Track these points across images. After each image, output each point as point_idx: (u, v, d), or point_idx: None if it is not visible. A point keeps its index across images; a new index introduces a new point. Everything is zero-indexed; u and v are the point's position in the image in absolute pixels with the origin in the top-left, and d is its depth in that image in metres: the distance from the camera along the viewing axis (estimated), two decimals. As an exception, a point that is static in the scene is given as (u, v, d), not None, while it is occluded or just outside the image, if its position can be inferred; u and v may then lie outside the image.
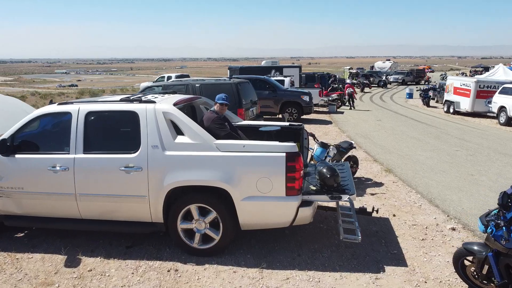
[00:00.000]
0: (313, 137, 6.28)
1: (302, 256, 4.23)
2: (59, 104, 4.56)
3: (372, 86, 38.46)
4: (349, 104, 20.76)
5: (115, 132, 4.39)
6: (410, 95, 28.58)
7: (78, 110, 4.36)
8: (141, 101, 4.33)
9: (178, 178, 4.01)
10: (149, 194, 4.12)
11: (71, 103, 4.50)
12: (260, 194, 3.94)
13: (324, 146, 6.42)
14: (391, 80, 44.46)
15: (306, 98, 14.60)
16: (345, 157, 6.85)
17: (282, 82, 16.44)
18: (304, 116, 15.19)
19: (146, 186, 4.10)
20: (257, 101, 10.42)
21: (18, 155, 4.38)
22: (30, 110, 5.68)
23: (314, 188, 4.24)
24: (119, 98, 4.52)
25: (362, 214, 4.79)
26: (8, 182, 4.38)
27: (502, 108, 15.48)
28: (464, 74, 50.90)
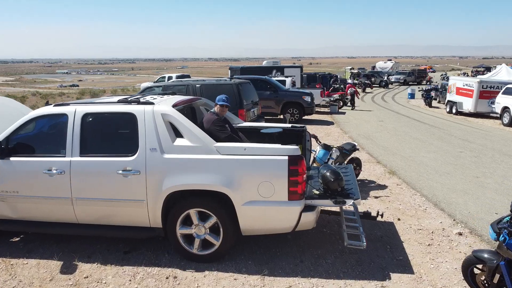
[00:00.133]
0: (315, 138, 6.16)
1: (305, 262, 4.10)
2: (55, 105, 4.44)
3: (373, 86, 38.32)
4: (351, 104, 20.65)
5: (113, 134, 4.27)
6: (412, 96, 28.41)
7: (75, 112, 4.24)
8: (139, 102, 4.21)
9: (177, 182, 3.89)
10: (147, 198, 4.00)
11: (68, 105, 4.38)
12: (261, 198, 3.82)
13: (327, 148, 6.28)
14: (393, 80, 44.23)
15: (307, 98, 14.47)
16: (348, 159, 6.72)
17: (284, 82, 16.31)
18: (305, 116, 15.07)
19: (144, 190, 3.98)
20: (258, 101, 10.29)
21: (13, 158, 4.26)
22: (27, 111, 5.56)
23: (317, 192, 4.12)
24: (117, 100, 4.40)
25: (366, 219, 4.66)
26: (2, 186, 4.27)
27: (505, 108, 15.33)
28: (465, 74, 50.69)
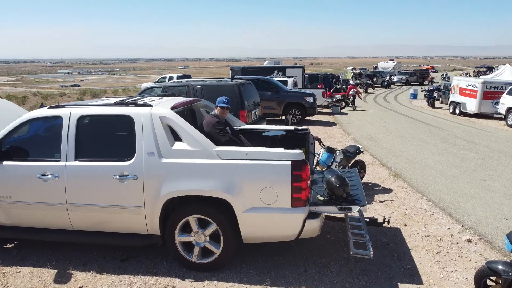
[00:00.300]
0: (319, 141, 5.99)
1: (309, 271, 3.93)
2: (50, 107, 4.29)
3: (375, 86, 38.15)
4: (352, 104, 20.51)
5: (109, 137, 4.11)
6: (414, 96, 28.24)
7: (70, 114, 4.08)
8: (136, 104, 4.05)
9: (176, 187, 3.73)
10: (144, 204, 3.83)
11: (63, 107, 4.22)
12: (263, 205, 3.66)
13: (330, 151, 6.12)
14: (395, 80, 44.03)
15: (309, 99, 14.30)
16: (352, 162, 6.55)
17: (285, 82, 16.15)
18: (307, 117, 14.90)
19: (142, 195, 3.82)
20: (259, 102, 10.13)
21: (5, 162, 4.11)
22: (22, 113, 5.40)
23: (321, 198, 3.95)
24: (114, 102, 4.24)
25: (372, 225, 4.50)
26: (-5, 191, 4.11)
27: (510, 109, 15.14)
28: (467, 75, 50.44)
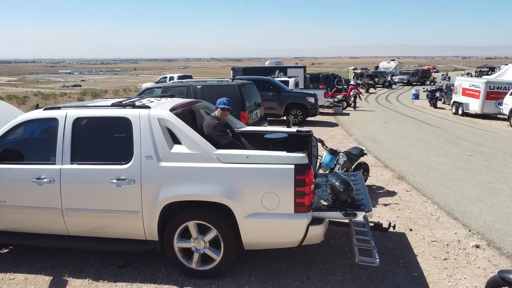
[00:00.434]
0: (321, 143, 5.86)
1: (312, 279, 3.80)
2: (45, 109, 4.16)
3: (377, 86, 37.96)
4: (354, 105, 20.38)
5: (106, 140, 3.98)
6: (416, 96, 28.06)
7: (65, 116, 3.96)
8: (134, 106, 3.92)
9: (175, 192, 3.60)
10: (142, 209, 3.71)
11: (58, 108, 4.09)
12: (265, 210, 3.53)
13: (333, 153, 5.98)
14: (396, 80, 43.86)
15: (311, 99, 14.16)
16: (355, 164, 6.41)
17: (287, 83, 16.03)
18: (309, 118, 14.76)
19: (139, 200, 3.69)
20: (261, 103, 10.00)
21: (-1, 165, 3.99)
22: (18, 114, 5.28)
23: (325, 203, 3.81)
24: (111, 103, 4.12)
25: (377, 231, 4.36)
26: (-12, 195, 3.99)
27: (514, 110, 14.99)
28: (469, 75, 50.22)
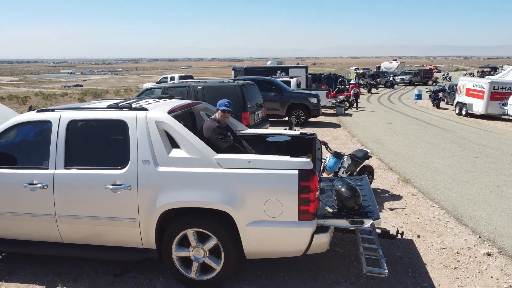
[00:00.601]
0: (325, 146, 5.68)
1: (317, 289, 3.63)
2: (38, 111, 4.00)
3: (379, 86, 37.76)
4: (355, 104, 20.21)
5: (101, 144, 3.81)
6: (419, 96, 27.83)
7: (59, 118, 3.79)
8: (130, 108, 3.76)
9: (173, 198, 3.43)
10: (139, 216, 3.54)
11: (52, 110, 3.93)
12: (268, 218, 3.35)
13: (337, 156, 5.81)
14: (398, 80, 43.61)
15: (313, 100, 13.98)
16: (359, 167, 6.23)
17: (288, 83, 15.85)
18: (311, 119, 14.58)
19: (136, 207, 3.53)
20: (262, 104, 9.82)
21: (-10, 170, 3.82)
22: (12, 115, 5.12)
23: (331, 210, 3.64)
24: (106, 105, 3.95)
25: (384, 238, 4.18)
26: (-21, 201, 3.83)
27: (519, 110, 14.80)
28: (471, 75, 49.97)
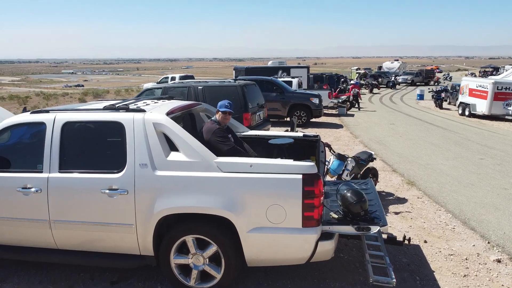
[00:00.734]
0: (329, 148, 5.53)
1: (321, 298, 3.49)
2: (32, 112, 3.86)
3: (380, 87, 37.59)
4: (357, 105, 20.06)
5: (97, 147, 3.67)
6: (421, 97, 27.68)
7: (54, 120, 3.66)
8: (128, 109, 3.62)
9: (171, 203, 3.29)
10: (136, 222, 3.40)
11: (46, 112, 3.79)
12: (270, 224, 3.21)
13: (341, 158, 5.66)
14: (400, 80, 43.44)
15: (315, 100, 13.83)
16: (364, 169, 6.08)
17: (290, 83, 15.71)
18: (313, 119, 14.42)
19: (133, 212, 3.39)
20: (264, 104, 9.67)
21: (-18, 173, 3.69)
22: (7, 116, 4.99)
23: (336, 216, 3.50)
24: (103, 106, 3.81)
25: (391, 244, 4.02)
26: (-29, 205, 3.69)
27: (523, 111, 14.62)
28: (473, 75, 49.74)
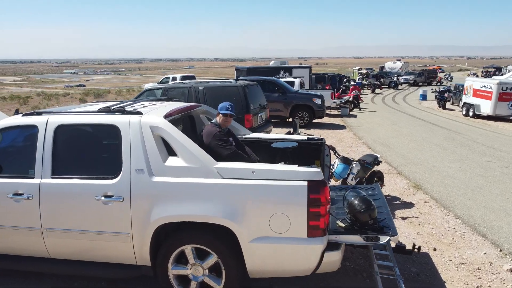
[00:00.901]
0: (333, 150, 5.35)
1: (327, 312, 3.31)
2: (24, 114, 3.70)
3: (382, 87, 37.40)
4: (358, 105, 19.90)
5: (91, 151, 3.51)
6: (424, 97, 27.44)
7: (46, 123, 3.49)
8: (123, 112, 3.44)
9: (169, 211, 3.12)
10: (132, 230, 3.23)
11: (39, 114, 3.62)
12: (274, 234, 3.03)
13: (346, 161, 5.48)
14: (402, 81, 43.21)
15: (318, 101, 13.65)
16: (369, 173, 5.90)
17: (292, 83, 15.53)
18: (315, 120, 14.23)
19: (129, 220, 3.21)
20: (266, 105, 9.49)
21: (-28, 179, 3.52)
22: (2, 118, 4.82)
23: (343, 225, 3.32)
24: (98, 108, 3.63)
25: (400, 253, 3.84)
26: (-41, 212, 3.52)
27: (529, 112, 14.41)
28: (475, 75, 49.45)
